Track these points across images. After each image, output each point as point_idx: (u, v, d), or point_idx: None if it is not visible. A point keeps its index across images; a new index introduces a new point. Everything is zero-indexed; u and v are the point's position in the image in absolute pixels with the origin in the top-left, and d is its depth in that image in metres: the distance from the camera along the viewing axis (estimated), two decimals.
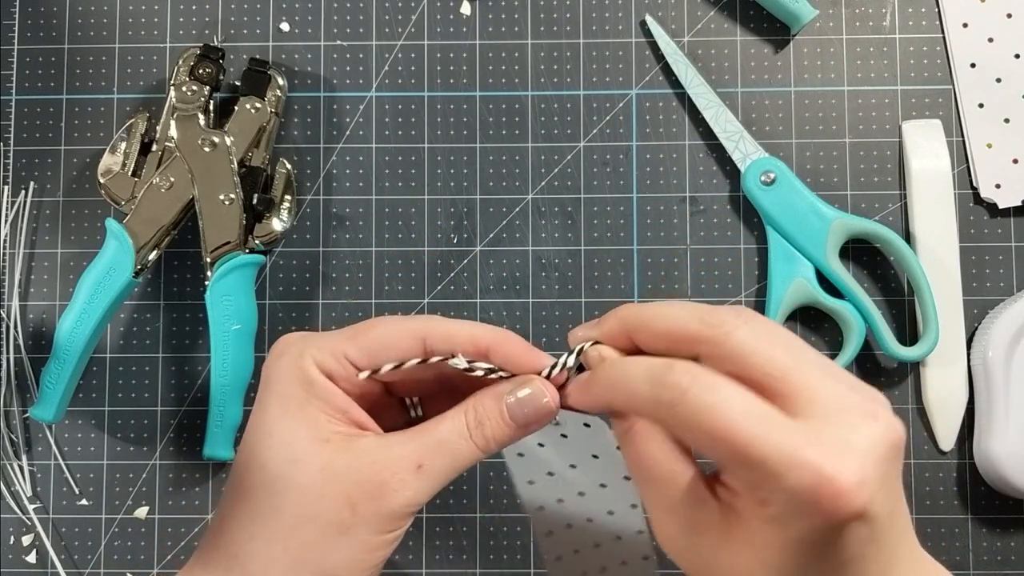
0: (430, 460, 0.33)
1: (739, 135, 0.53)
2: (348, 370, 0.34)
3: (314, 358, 0.33)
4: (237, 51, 0.55)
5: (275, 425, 0.33)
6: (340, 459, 0.32)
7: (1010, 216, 0.53)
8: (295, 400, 0.33)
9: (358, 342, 0.34)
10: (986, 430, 0.50)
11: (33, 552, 0.53)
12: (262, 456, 0.33)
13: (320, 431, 0.33)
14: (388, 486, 0.32)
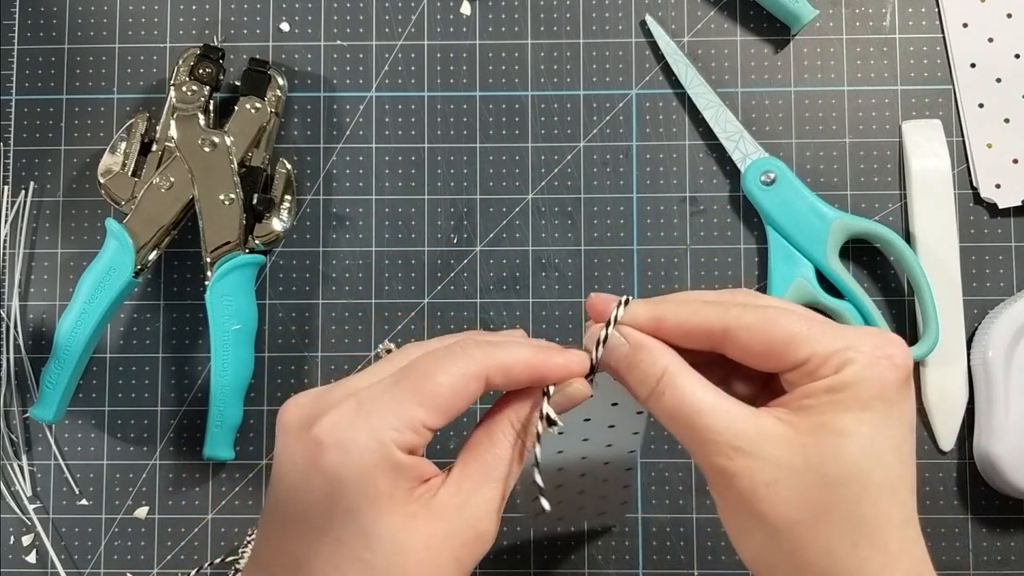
0: (506, 490, 0.33)
1: (739, 135, 0.53)
2: (426, 437, 0.32)
3: (394, 441, 0.31)
4: (237, 51, 0.55)
5: (371, 525, 0.31)
6: (437, 525, 0.31)
7: (1010, 216, 0.53)
8: (386, 492, 0.31)
9: (430, 404, 0.31)
10: (986, 430, 0.50)
11: (33, 552, 0.53)
12: (363, 558, 0.31)
13: (406, 507, 0.31)
14: (485, 535, 0.32)
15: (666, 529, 0.52)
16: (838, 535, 0.30)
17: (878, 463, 0.31)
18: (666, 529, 0.52)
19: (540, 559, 0.52)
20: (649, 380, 0.32)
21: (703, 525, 0.52)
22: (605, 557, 0.52)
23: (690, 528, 0.52)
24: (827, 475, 0.30)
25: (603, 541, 0.53)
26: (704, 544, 0.52)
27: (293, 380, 0.54)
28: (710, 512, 0.52)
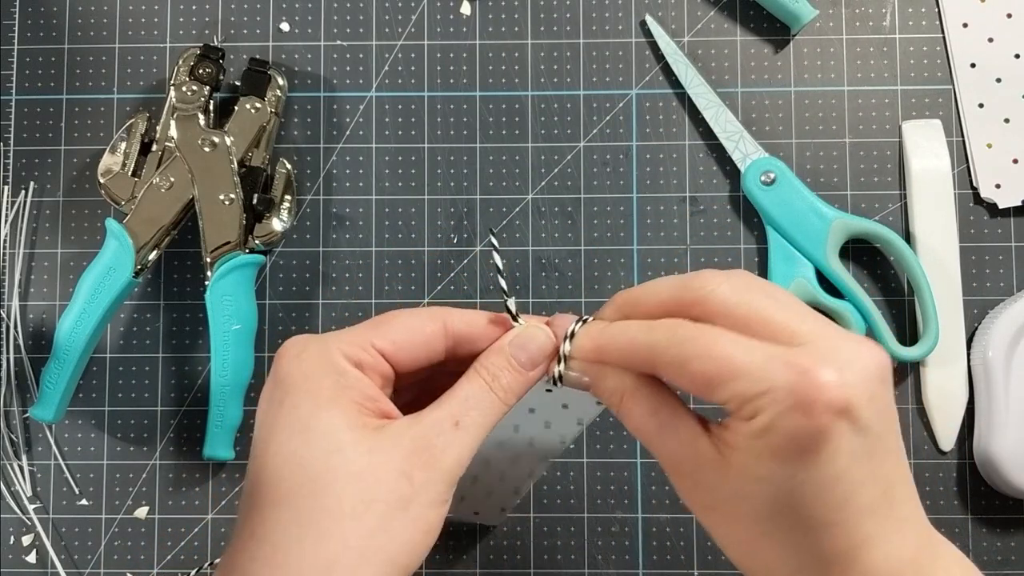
0: (463, 416, 0.33)
1: (739, 135, 0.53)
2: (376, 359, 0.34)
3: (342, 350, 0.33)
4: (237, 51, 0.55)
5: (309, 420, 0.32)
6: (384, 439, 0.32)
7: (1010, 216, 0.53)
8: (326, 392, 0.32)
9: (383, 331, 0.34)
10: (986, 430, 0.50)
11: (33, 552, 0.53)
12: (299, 455, 0.31)
13: (356, 419, 0.32)
14: (436, 448, 0.32)
15: (666, 529, 0.52)
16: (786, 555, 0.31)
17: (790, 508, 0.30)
18: (666, 529, 0.52)
19: (540, 559, 0.52)
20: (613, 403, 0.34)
21: None
22: (605, 557, 0.52)
23: (690, 528, 0.52)
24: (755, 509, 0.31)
25: (603, 541, 0.53)
26: (704, 544, 0.52)
27: None
28: None
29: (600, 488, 0.53)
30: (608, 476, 0.53)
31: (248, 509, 0.32)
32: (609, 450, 0.53)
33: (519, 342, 0.35)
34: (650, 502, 0.53)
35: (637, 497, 0.53)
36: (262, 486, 0.32)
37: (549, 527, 0.53)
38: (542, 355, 0.35)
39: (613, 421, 0.53)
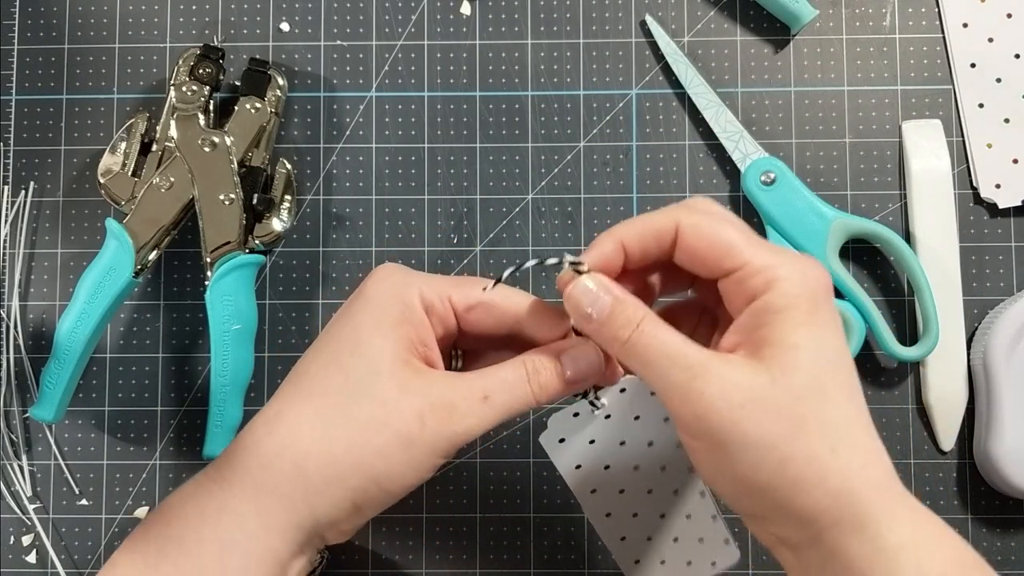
0: (495, 394, 0.36)
1: (739, 135, 0.53)
2: (446, 311, 0.37)
3: (420, 291, 0.37)
4: (237, 51, 0.55)
5: (366, 336, 0.36)
6: (417, 380, 0.35)
7: (1010, 216, 0.53)
8: (390, 319, 0.36)
9: (464, 291, 0.38)
10: (986, 430, 0.50)
11: (33, 552, 0.53)
12: (346, 363, 0.36)
13: (403, 353, 0.36)
14: (457, 409, 0.35)
15: None
16: (818, 442, 0.33)
17: (831, 368, 0.34)
18: None
19: (540, 559, 0.52)
20: (627, 329, 0.35)
21: None
22: (605, 557, 0.52)
23: None
24: (794, 386, 0.33)
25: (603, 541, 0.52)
26: None
27: None
28: None
29: None
30: None
31: (282, 390, 0.37)
32: None
33: (574, 354, 0.38)
34: None
35: None
36: (302, 375, 0.36)
37: (549, 527, 0.53)
38: (589, 374, 0.38)
39: None
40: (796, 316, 0.33)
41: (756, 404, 0.33)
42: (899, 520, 0.33)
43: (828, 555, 0.33)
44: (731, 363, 0.34)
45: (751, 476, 0.33)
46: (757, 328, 0.34)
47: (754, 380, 0.33)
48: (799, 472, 0.33)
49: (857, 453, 0.33)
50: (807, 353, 0.33)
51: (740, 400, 0.33)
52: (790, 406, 0.33)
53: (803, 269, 0.34)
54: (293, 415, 0.36)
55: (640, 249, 0.36)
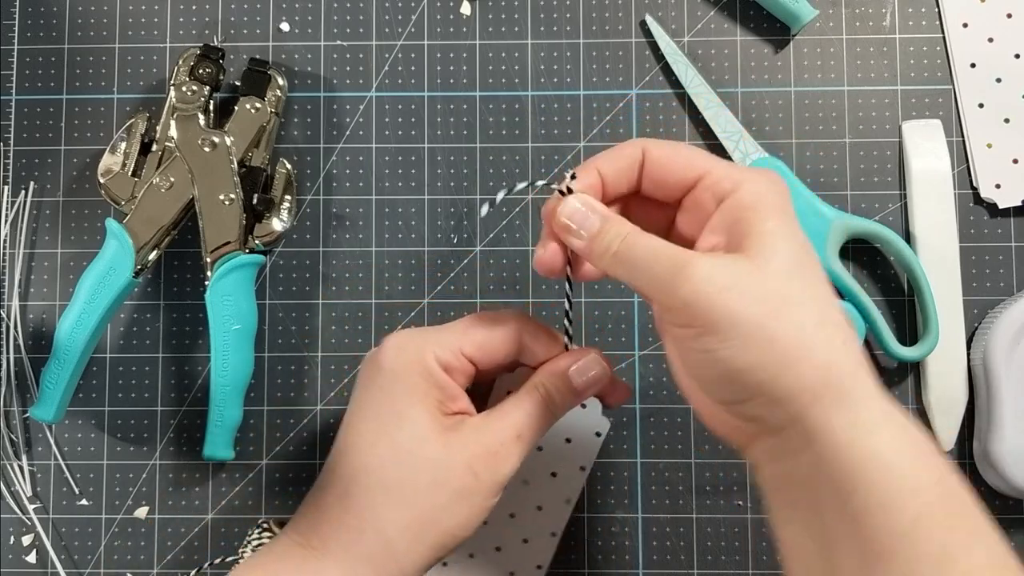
0: (525, 430, 0.39)
1: (739, 135, 0.53)
2: (463, 364, 0.40)
3: (436, 355, 0.39)
4: (237, 51, 0.55)
5: (405, 410, 0.39)
6: (458, 437, 0.39)
7: (1010, 216, 0.53)
8: (420, 390, 0.39)
9: (471, 338, 0.40)
10: (986, 430, 0.50)
11: (33, 552, 0.53)
12: (391, 435, 0.39)
13: (439, 417, 0.39)
14: (499, 455, 0.39)
15: (666, 529, 0.52)
16: (804, 317, 0.34)
17: (805, 252, 0.36)
18: (666, 529, 0.52)
19: None
20: (616, 241, 0.37)
21: (703, 525, 0.52)
22: (605, 557, 0.52)
23: (690, 528, 0.52)
24: (775, 268, 0.35)
25: (603, 541, 0.53)
26: (704, 544, 0.52)
27: (293, 380, 0.54)
28: (710, 512, 0.52)
29: (600, 488, 0.53)
30: (608, 476, 0.53)
31: (340, 469, 0.39)
32: (609, 450, 0.53)
33: (581, 368, 0.41)
34: (650, 502, 0.53)
35: (637, 497, 0.53)
36: (356, 454, 0.39)
37: None
38: (597, 382, 0.41)
39: (613, 421, 0.53)
40: (766, 209, 0.36)
41: (741, 286, 0.34)
42: (875, 398, 0.35)
43: (809, 432, 0.34)
44: (714, 255, 0.36)
45: (739, 356, 0.34)
46: (731, 224, 0.36)
47: (737, 266, 0.35)
48: (786, 347, 0.34)
49: (839, 329, 0.35)
50: (783, 239, 0.35)
51: (725, 283, 0.34)
52: (774, 286, 0.34)
53: (765, 173, 0.37)
54: (360, 491, 0.39)
55: (614, 176, 0.39)
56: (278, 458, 0.53)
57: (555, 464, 0.48)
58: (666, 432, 0.53)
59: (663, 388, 0.53)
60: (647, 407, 0.53)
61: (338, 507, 0.39)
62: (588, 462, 0.48)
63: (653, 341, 0.53)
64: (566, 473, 0.48)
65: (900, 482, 0.33)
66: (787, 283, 0.35)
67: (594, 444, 0.48)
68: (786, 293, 0.35)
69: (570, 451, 0.48)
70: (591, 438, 0.48)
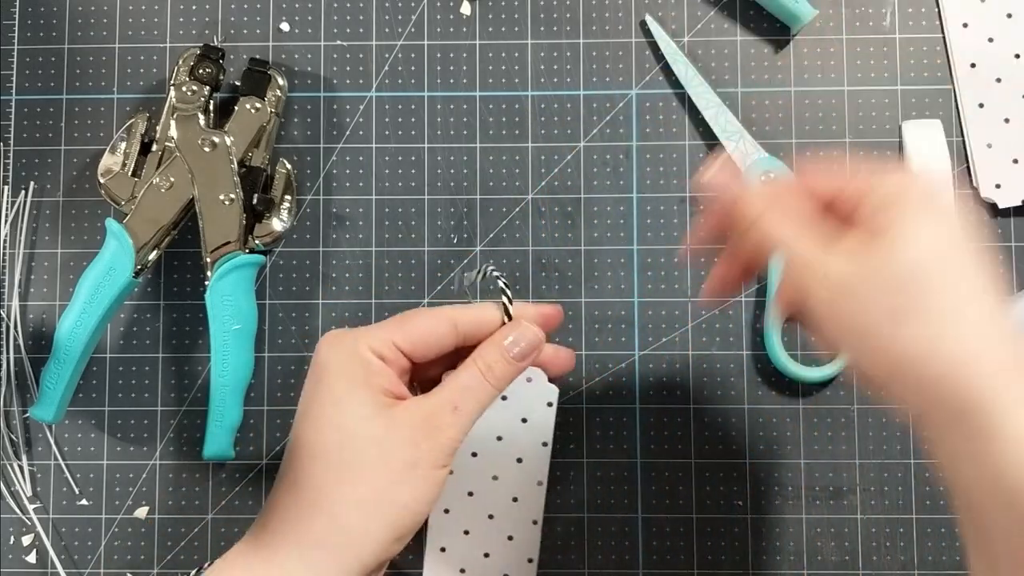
0: (461, 402, 0.40)
1: (739, 135, 0.53)
2: (396, 355, 0.41)
3: (369, 345, 0.40)
4: (237, 51, 0.55)
5: (344, 395, 0.39)
6: (399, 414, 0.39)
7: (1010, 216, 0.53)
8: (358, 378, 0.40)
9: (404, 332, 0.41)
10: None
11: (33, 552, 0.53)
12: (335, 421, 0.39)
13: (379, 399, 0.40)
14: (438, 425, 0.39)
15: (666, 529, 0.52)
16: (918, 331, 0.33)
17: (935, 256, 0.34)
18: (666, 529, 0.52)
19: (540, 559, 0.52)
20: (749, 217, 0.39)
21: (703, 525, 0.52)
22: (605, 557, 0.52)
23: (690, 528, 0.52)
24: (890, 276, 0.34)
25: (603, 541, 0.53)
26: (704, 544, 0.52)
27: (293, 380, 0.54)
28: (710, 512, 0.52)
29: (600, 488, 0.53)
30: (608, 476, 0.53)
31: (290, 463, 0.40)
32: (609, 450, 0.53)
33: (514, 336, 0.42)
34: (650, 502, 0.53)
35: (637, 497, 0.53)
36: (303, 445, 0.39)
37: (550, 527, 0.53)
38: (533, 349, 0.42)
39: (613, 421, 0.53)
40: (897, 208, 0.35)
41: (847, 296, 0.35)
42: (1012, 409, 0.32)
43: (937, 439, 0.34)
44: (832, 257, 0.36)
45: (857, 362, 0.36)
46: (867, 220, 0.36)
47: (847, 273, 0.35)
48: (897, 361, 0.34)
49: (965, 341, 0.33)
50: (905, 242, 0.34)
51: (829, 296, 0.35)
52: (885, 297, 0.34)
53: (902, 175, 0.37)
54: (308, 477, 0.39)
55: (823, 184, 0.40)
56: (278, 458, 0.53)
57: (518, 449, 0.48)
58: (666, 432, 0.53)
59: (663, 388, 0.53)
60: (647, 407, 0.53)
61: (288, 499, 0.39)
62: (548, 436, 0.49)
63: (653, 341, 0.53)
64: (530, 454, 0.48)
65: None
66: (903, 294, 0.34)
67: (549, 416, 0.48)
68: (899, 304, 0.34)
69: (528, 430, 0.48)
70: (545, 410, 0.48)
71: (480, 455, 0.49)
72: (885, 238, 0.34)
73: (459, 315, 0.42)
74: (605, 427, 0.53)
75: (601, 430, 0.53)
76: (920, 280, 0.34)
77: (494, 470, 0.49)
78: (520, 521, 0.49)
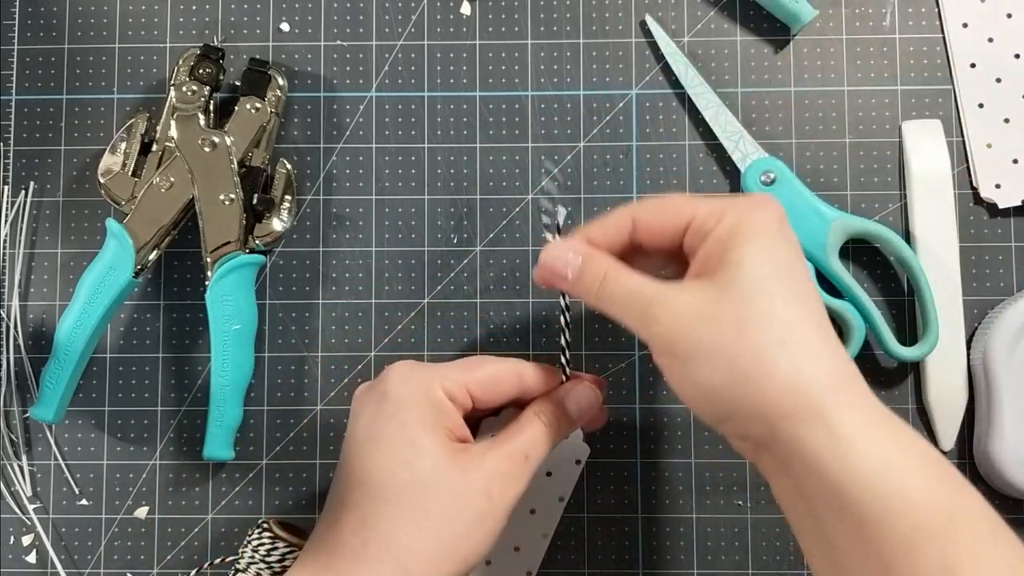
0: (532, 451, 0.41)
1: (739, 135, 0.53)
2: (465, 397, 0.41)
3: (442, 385, 0.40)
4: (237, 51, 0.55)
5: (419, 437, 0.39)
6: (472, 461, 0.39)
7: (1010, 216, 0.53)
8: (429, 418, 0.40)
9: (476, 377, 0.42)
10: (986, 430, 0.50)
11: (33, 552, 0.53)
12: (410, 463, 0.39)
13: (449, 444, 0.40)
14: (511, 476, 0.40)
15: (666, 529, 0.52)
16: (764, 338, 0.35)
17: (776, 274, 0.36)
18: (666, 529, 0.52)
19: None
20: (596, 280, 0.40)
21: (703, 525, 0.52)
22: (605, 557, 0.52)
23: (690, 528, 0.52)
24: (737, 295, 0.36)
25: (603, 541, 0.53)
26: (704, 544, 0.52)
27: (293, 380, 0.54)
28: (710, 512, 0.52)
29: (600, 488, 0.53)
30: (608, 477, 0.53)
31: (355, 498, 0.39)
32: (609, 450, 0.53)
33: (575, 395, 0.43)
34: (651, 502, 0.53)
35: (637, 497, 0.53)
36: (374, 482, 0.39)
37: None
38: (590, 411, 0.44)
39: (613, 421, 0.53)
40: (739, 236, 0.37)
41: (703, 316, 0.36)
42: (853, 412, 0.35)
43: (788, 450, 0.35)
44: (682, 287, 0.38)
45: (708, 380, 0.36)
46: (707, 257, 0.38)
47: (700, 296, 0.36)
48: (748, 369, 0.35)
49: (806, 348, 0.35)
50: (750, 264, 0.36)
51: (688, 314, 0.36)
52: (734, 312, 0.36)
53: (749, 201, 0.38)
54: (377, 517, 0.39)
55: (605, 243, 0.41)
56: (278, 458, 0.53)
57: (533, 500, 0.48)
58: (666, 432, 0.53)
59: (663, 388, 0.53)
60: (647, 407, 0.53)
61: (357, 538, 0.39)
62: (567, 492, 0.49)
63: None
64: (545, 507, 0.48)
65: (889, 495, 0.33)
66: (748, 306, 0.36)
67: (574, 473, 0.49)
68: (746, 317, 0.36)
69: (550, 484, 0.49)
70: (572, 467, 0.49)
71: None
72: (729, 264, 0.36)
73: (525, 369, 0.43)
74: (605, 427, 0.53)
75: (601, 430, 0.53)
76: (764, 293, 0.36)
77: None
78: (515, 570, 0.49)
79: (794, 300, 0.36)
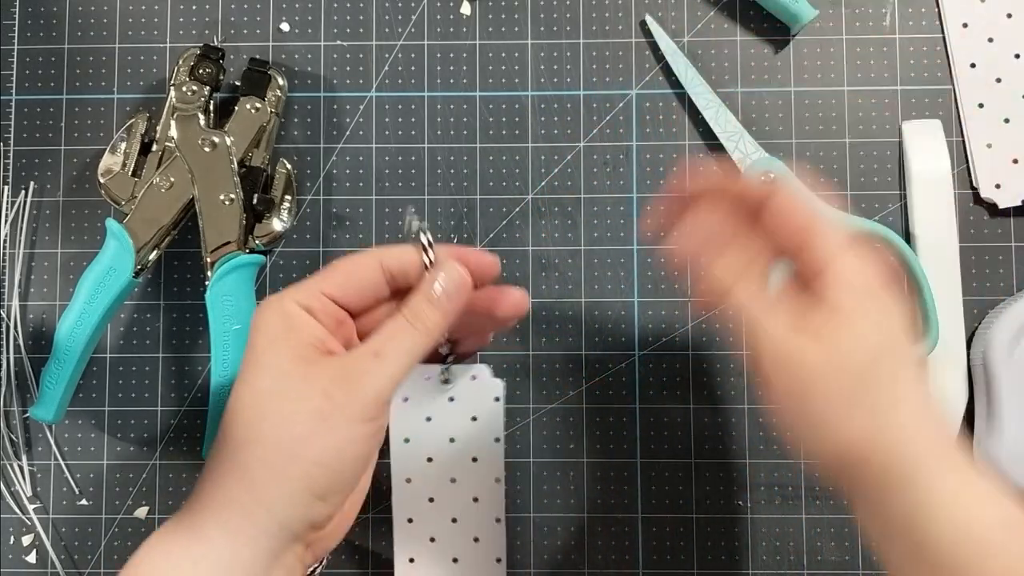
0: (382, 347, 0.38)
1: (739, 135, 0.53)
2: (326, 304, 0.39)
3: (293, 298, 0.39)
4: (237, 51, 0.55)
5: (262, 355, 0.38)
6: (316, 367, 0.38)
7: (1010, 216, 0.53)
8: (279, 333, 0.38)
9: (328, 279, 0.40)
10: (986, 430, 0.50)
11: (33, 552, 0.53)
12: (252, 381, 0.38)
13: (301, 353, 0.38)
14: (354, 374, 0.37)
15: (666, 529, 0.52)
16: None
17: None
18: (666, 529, 0.52)
19: (540, 559, 0.52)
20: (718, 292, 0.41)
21: (703, 525, 0.52)
22: (605, 557, 0.52)
23: (690, 528, 0.52)
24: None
25: (603, 541, 0.53)
26: (704, 544, 0.52)
27: None
28: (710, 512, 0.52)
29: (600, 488, 0.53)
30: (608, 476, 0.53)
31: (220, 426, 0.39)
32: (609, 450, 0.53)
33: (437, 279, 0.40)
34: (650, 502, 0.53)
35: (637, 497, 0.53)
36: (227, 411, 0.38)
37: (549, 527, 0.53)
38: (459, 292, 0.40)
39: (613, 421, 0.53)
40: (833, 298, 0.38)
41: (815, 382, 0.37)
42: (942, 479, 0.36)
43: (874, 514, 0.37)
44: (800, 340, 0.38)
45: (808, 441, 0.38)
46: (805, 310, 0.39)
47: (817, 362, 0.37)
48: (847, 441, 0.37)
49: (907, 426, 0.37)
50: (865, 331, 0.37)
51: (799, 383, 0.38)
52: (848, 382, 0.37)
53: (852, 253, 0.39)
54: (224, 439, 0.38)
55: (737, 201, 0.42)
56: None
57: (472, 448, 0.48)
58: (666, 432, 0.53)
59: (663, 388, 0.53)
60: (647, 407, 0.53)
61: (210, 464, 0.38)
62: (499, 432, 0.48)
63: (653, 341, 0.53)
64: (485, 452, 0.48)
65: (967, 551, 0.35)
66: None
67: (498, 411, 0.48)
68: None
69: (479, 428, 0.48)
70: (493, 405, 0.47)
71: (436, 460, 0.48)
72: (849, 325, 0.37)
73: (384, 254, 0.40)
74: (605, 427, 0.53)
75: (601, 430, 0.53)
76: (874, 368, 0.37)
77: (451, 472, 0.48)
78: (483, 521, 0.48)
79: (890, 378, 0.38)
